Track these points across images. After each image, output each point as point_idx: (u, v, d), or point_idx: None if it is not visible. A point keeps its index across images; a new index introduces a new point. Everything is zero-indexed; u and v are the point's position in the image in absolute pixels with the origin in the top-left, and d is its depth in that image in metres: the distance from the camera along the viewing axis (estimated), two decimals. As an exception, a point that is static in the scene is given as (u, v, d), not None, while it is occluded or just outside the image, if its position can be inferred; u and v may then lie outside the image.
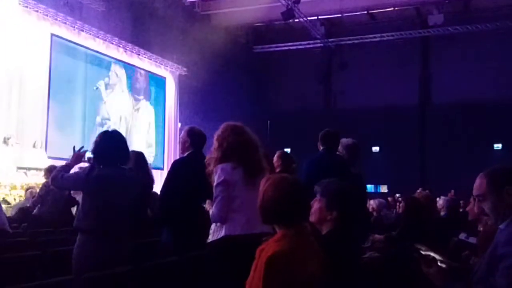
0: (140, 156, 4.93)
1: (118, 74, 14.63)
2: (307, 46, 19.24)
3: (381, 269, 3.26)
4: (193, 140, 4.23)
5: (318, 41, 18.78)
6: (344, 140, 4.93)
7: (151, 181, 5.13)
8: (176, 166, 4.25)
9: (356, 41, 18.82)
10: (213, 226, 3.21)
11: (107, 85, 14.19)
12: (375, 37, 18.58)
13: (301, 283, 2.10)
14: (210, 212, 3.20)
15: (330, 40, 19.03)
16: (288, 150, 12.18)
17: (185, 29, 15.91)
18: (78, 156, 3.60)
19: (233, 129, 3.29)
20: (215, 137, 3.29)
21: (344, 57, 19.48)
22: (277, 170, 4.71)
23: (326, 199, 2.49)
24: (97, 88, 13.78)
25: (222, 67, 16.55)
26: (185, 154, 4.27)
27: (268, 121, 17.33)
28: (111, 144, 3.45)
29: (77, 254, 3.30)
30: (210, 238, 3.19)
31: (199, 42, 15.44)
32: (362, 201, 5.01)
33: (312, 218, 2.50)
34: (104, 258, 3.20)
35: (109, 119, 14.20)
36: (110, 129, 3.81)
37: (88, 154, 3.64)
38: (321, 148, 4.63)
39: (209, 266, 3.20)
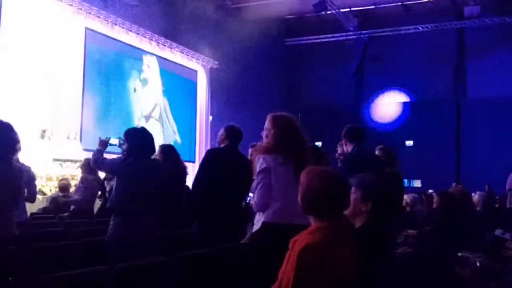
0: (171, 148, 5.43)
1: (150, 67, 14.78)
2: (339, 38, 19.05)
3: (414, 264, 3.22)
4: (229, 135, 4.31)
5: (351, 33, 18.56)
6: (381, 147, 4.96)
7: (182, 171, 5.40)
8: (208, 156, 4.31)
9: (389, 33, 18.52)
10: (257, 216, 3.25)
11: (141, 80, 14.38)
12: (409, 29, 18.25)
13: (333, 276, 2.09)
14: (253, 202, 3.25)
15: (363, 32, 18.79)
16: (319, 144, 12.12)
17: (216, 22, 15.94)
18: (103, 143, 4.29)
19: (282, 121, 3.31)
20: (265, 126, 3.33)
21: (377, 49, 19.21)
22: None
23: (361, 191, 2.48)
24: (135, 90, 14.03)
25: (253, 60, 16.54)
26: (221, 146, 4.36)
27: (299, 115, 17.25)
28: (139, 139, 3.99)
29: (110, 233, 3.82)
30: (254, 227, 3.24)
31: (231, 35, 15.46)
32: (397, 195, 4.95)
33: (347, 211, 2.48)
34: (133, 235, 3.73)
35: (143, 111, 14.39)
36: (138, 126, 4.44)
37: (112, 141, 4.32)
38: (350, 145, 4.57)
39: (248, 255, 3.24)
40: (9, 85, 10.33)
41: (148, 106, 14.65)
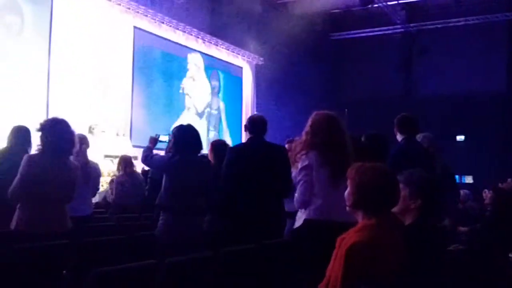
0: (222, 145, 5.29)
1: (197, 65, 14.95)
2: (386, 32, 18.69)
3: (465, 262, 3.14)
4: (248, 127, 4.29)
5: (398, 26, 18.19)
6: (426, 134, 4.73)
7: None
8: (228, 154, 4.29)
9: (438, 26, 18.03)
10: (298, 213, 3.24)
11: (189, 78, 14.57)
12: (459, 21, 17.71)
13: (381, 274, 2.06)
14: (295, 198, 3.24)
15: (411, 25, 18.37)
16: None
17: (262, 18, 15.94)
18: (152, 140, 4.35)
19: (324, 118, 3.29)
20: (307, 123, 3.31)
21: (425, 42, 18.72)
22: None
23: (409, 188, 2.42)
24: (182, 91, 14.23)
25: (299, 55, 16.45)
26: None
27: (346, 110, 17.05)
28: (185, 136, 4.04)
29: (160, 228, 3.91)
30: (296, 224, 3.23)
31: (276, 31, 15.42)
32: (447, 191, 4.80)
33: (395, 208, 2.44)
34: (181, 231, 3.82)
35: (191, 110, 14.59)
36: (185, 124, 4.31)
37: (162, 138, 4.41)
38: (400, 136, 4.44)
39: (292, 252, 3.23)
40: (62, 84, 10.67)
41: (196, 104, 14.83)
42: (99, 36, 11.49)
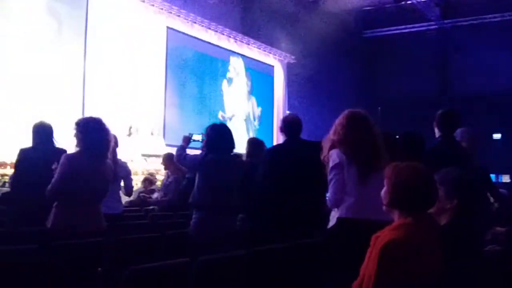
0: (259, 143, 5.40)
1: (236, 66, 15.04)
2: (420, 28, 18.39)
3: (503, 263, 3.07)
4: (283, 127, 4.28)
5: (433, 23, 17.87)
6: (466, 129, 4.59)
7: None
8: (265, 155, 4.31)
9: (474, 22, 17.63)
10: (332, 212, 3.23)
11: (228, 79, 14.67)
12: (495, 17, 17.27)
13: (416, 274, 2.04)
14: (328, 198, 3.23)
15: (445, 21, 18.02)
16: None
17: (293, 16, 15.89)
18: (185, 139, 4.38)
19: (352, 117, 3.25)
20: (337, 121, 3.28)
21: (461, 39, 18.34)
22: None
23: (445, 187, 2.38)
24: (221, 89, 14.34)
25: (331, 53, 16.34)
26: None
27: (379, 108, 16.84)
28: (217, 134, 4.05)
29: (192, 227, 3.97)
30: (329, 224, 3.22)
31: (307, 29, 15.37)
32: (484, 191, 4.66)
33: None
34: (213, 229, 3.86)
35: (225, 110, 14.67)
36: (218, 122, 4.42)
37: (195, 137, 4.40)
38: (438, 133, 4.34)
39: (325, 251, 3.22)
40: (97, 84, 10.88)
41: (231, 104, 14.91)
42: (133, 37, 11.67)
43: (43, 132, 4.65)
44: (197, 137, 4.39)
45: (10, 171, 7.36)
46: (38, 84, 9.77)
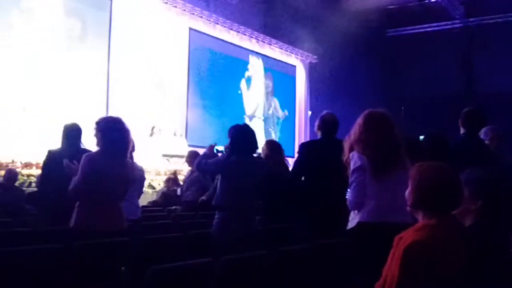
0: (277, 145, 5.45)
1: (254, 65, 15.06)
2: (445, 27, 18.13)
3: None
4: (321, 125, 4.25)
5: (457, 21, 17.61)
6: (490, 127, 4.50)
7: (285, 169, 5.35)
8: (300, 149, 4.30)
9: (499, 20, 17.31)
10: (351, 213, 3.20)
11: (246, 78, 14.70)
12: (522, 14, 16.97)
13: (439, 275, 2.01)
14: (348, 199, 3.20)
15: (470, 19, 17.74)
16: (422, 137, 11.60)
17: (315, 15, 15.82)
18: (210, 147, 4.34)
19: (373, 117, 3.21)
20: (357, 122, 3.25)
21: (486, 37, 18.04)
22: None
23: (469, 188, 2.33)
24: (240, 89, 14.37)
25: (354, 53, 16.23)
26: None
27: (402, 108, 16.67)
28: (241, 136, 4.03)
29: (215, 228, 3.95)
30: (348, 225, 3.19)
31: (330, 28, 15.27)
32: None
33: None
34: (235, 230, 3.85)
35: (246, 110, 14.70)
36: (242, 123, 4.39)
37: (219, 147, 4.45)
38: (463, 131, 4.27)
39: (346, 253, 3.19)
40: (121, 85, 11.01)
41: (251, 104, 14.93)
42: (156, 38, 11.77)
43: (70, 133, 4.70)
44: (221, 148, 4.43)
45: (36, 171, 7.48)
46: (63, 85, 9.91)
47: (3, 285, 2.81)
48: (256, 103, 15.07)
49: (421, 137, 4.31)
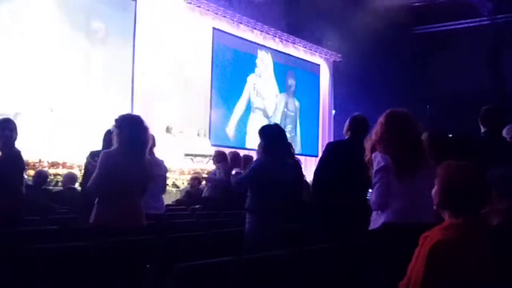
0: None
1: (268, 64, 15.03)
2: (472, 24, 17.84)
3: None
4: (351, 126, 4.21)
5: (485, 18, 17.31)
6: None
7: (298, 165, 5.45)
8: (326, 148, 4.26)
9: (528, 16, 16.98)
10: (374, 213, 3.17)
11: (260, 76, 14.68)
12: (551, 11, 16.60)
13: (465, 275, 1.99)
14: (370, 200, 3.17)
15: (498, 16, 17.41)
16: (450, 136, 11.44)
17: (340, 13, 15.72)
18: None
19: (394, 117, 3.18)
20: (378, 122, 3.22)
21: (514, 34, 17.69)
22: None
23: (495, 187, 2.30)
24: (254, 88, 14.35)
25: (379, 51, 16.06)
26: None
27: (428, 106, 16.46)
28: (273, 138, 4.01)
29: (247, 230, 3.95)
30: (371, 226, 3.16)
31: (355, 26, 15.15)
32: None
33: (481, 208, 2.33)
34: (270, 231, 3.82)
35: (265, 108, 14.70)
36: (271, 123, 4.25)
37: None
38: (483, 129, 4.21)
39: (370, 254, 3.17)
40: (145, 86, 11.13)
41: (269, 103, 14.91)
42: (180, 38, 11.86)
43: (106, 137, 4.73)
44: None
45: (62, 171, 7.60)
46: (89, 86, 10.08)
47: (33, 282, 2.87)
48: (273, 102, 15.01)
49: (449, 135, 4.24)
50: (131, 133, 3.67)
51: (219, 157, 6.73)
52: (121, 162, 3.63)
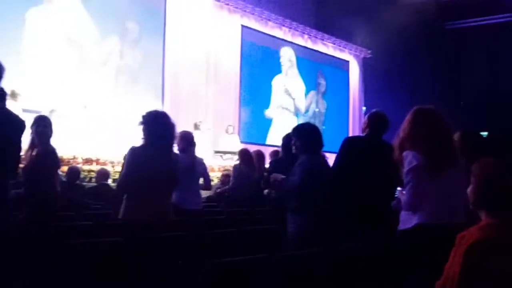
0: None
1: (291, 60, 14.98)
2: (506, 19, 17.43)
3: None
4: (370, 122, 4.13)
5: (517, 13, 16.91)
6: None
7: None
8: (343, 143, 4.16)
9: (563, 10, 16.50)
10: (403, 213, 3.12)
11: (288, 74, 14.65)
12: None
13: (501, 274, 1.95)
14: (402, 199, 3.12)
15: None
16: (484, 134, 11.25)
17: (369, 9, 15.56)
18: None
19: (421, 114, 3.13)
20: (406, 119, 3.17)
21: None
22: None
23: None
24: (284, 85, 14.33)
25: (410, 47, 15.86)
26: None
27: (462, 103, 16.19)
28: (313, 135, 3.88)
29: (291, 230, 3.81)
30: (401, 226, 3.11)
31: (385, 22, 14.97)
32: None
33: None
34: (314, 232, 3.67)
35: (290, 105, 14.66)
36: (304, 122, 4.26)
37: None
38: None
39: (401, 254, 3.13)
40: (175, 81, 11.25)
41: (298, 101, 14.86)
42: (209, 37, 11.94)
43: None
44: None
45: (96, 167, 7.74)
46: (121, 83, 10.24)
47: (69, 277, 2.92)
48: (300, 99, 14.95)
49: (484, 134, 4.16)
50: (157, 129, 3.69)
51: (241, 156, 6.81)
52: (148, 158, 3.64)
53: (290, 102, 14.65)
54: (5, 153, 2.74)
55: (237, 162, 7.02)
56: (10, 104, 7.54)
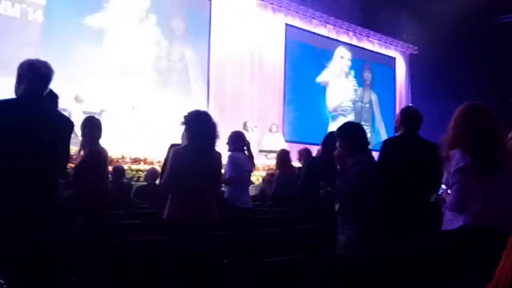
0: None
1: (344, 58, 14.83)
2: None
3: None
4: (403, 120, 4.03)
5: None
6: None
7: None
8: (382, 146, 4.07)
9: None
10: (447, 213, 3.05)
11: (336, 73, 14.51)
12: None
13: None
14: (447, 199, 3.05)
15: None
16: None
17: (415, 5, 15.25)
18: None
19: (470, 111, 3.03)
20: (454, 117, 3.08)
21: None
22: None
23: None
24: (328, 83, 14.21)
25: (456, 43, 15.45)
26: (397, 134, 4.12)
27: (510, 99, 15.63)
28: (360, 135, 3.65)
29: (350, 232, 3.54)
30: (445, 226, 3.05)
31: (431, 18, 14.65)
32: None
33: None
34: (359, 235, 3.44)
35: (335, 104, 14.53)
36: (350, 121, 4.12)
37: None
38: None
39: (445, 255, 3.07)
40: (220, 81, 11.36)
41: (341, 98, 14.71)
42: (253, 35, 12.00)
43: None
44: None
45: (144, 166, 7.90)
46: (167, 84, 10.44)
47: (117, 274, 3.00)
48: (345, 98, 14.79)
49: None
50: (199, 129, 3.71)
51: (281, 156, 6.82)
52: (190, 158, 3.67)
53: (335, 100, 14.54)
54: (56, 153, 2.84)
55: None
56: (73, 107, 7.90)
